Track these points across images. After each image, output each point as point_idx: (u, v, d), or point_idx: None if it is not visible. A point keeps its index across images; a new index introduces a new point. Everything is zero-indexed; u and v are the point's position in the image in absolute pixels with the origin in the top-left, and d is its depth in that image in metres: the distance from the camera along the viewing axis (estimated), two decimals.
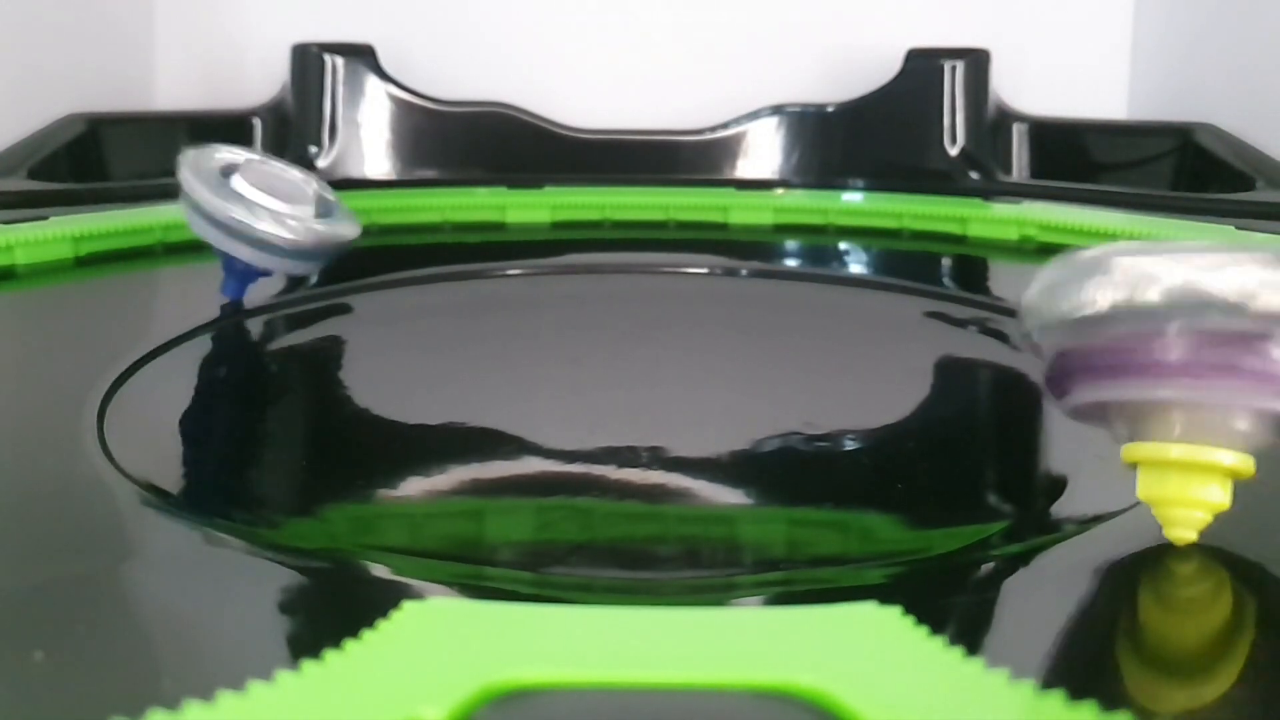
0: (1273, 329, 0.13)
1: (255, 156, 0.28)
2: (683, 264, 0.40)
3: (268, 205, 0.26)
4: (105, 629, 0.15)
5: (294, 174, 0.28)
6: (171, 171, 0.54)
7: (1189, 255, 0.13)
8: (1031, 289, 0.16)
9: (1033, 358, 0.21)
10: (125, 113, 0.54)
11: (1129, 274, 0.14)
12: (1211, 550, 0.16)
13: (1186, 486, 0.14)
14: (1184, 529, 0.15)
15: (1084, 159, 0.54)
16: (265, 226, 0.25)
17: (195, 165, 0.26)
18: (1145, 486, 0.15)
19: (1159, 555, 0.19)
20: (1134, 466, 0.15)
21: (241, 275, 0.29)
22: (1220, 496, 0.15)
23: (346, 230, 0.27)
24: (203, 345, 0.29)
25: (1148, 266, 0.13)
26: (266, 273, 0.29)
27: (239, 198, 0.26)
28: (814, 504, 0.22)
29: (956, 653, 0.12)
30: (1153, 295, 0.13)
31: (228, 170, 0.27)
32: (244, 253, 0.26)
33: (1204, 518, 0.15)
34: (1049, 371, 0.16)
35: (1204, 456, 0.14)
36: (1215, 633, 0.15)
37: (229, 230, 0.26)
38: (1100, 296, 0.14)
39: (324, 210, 0.27)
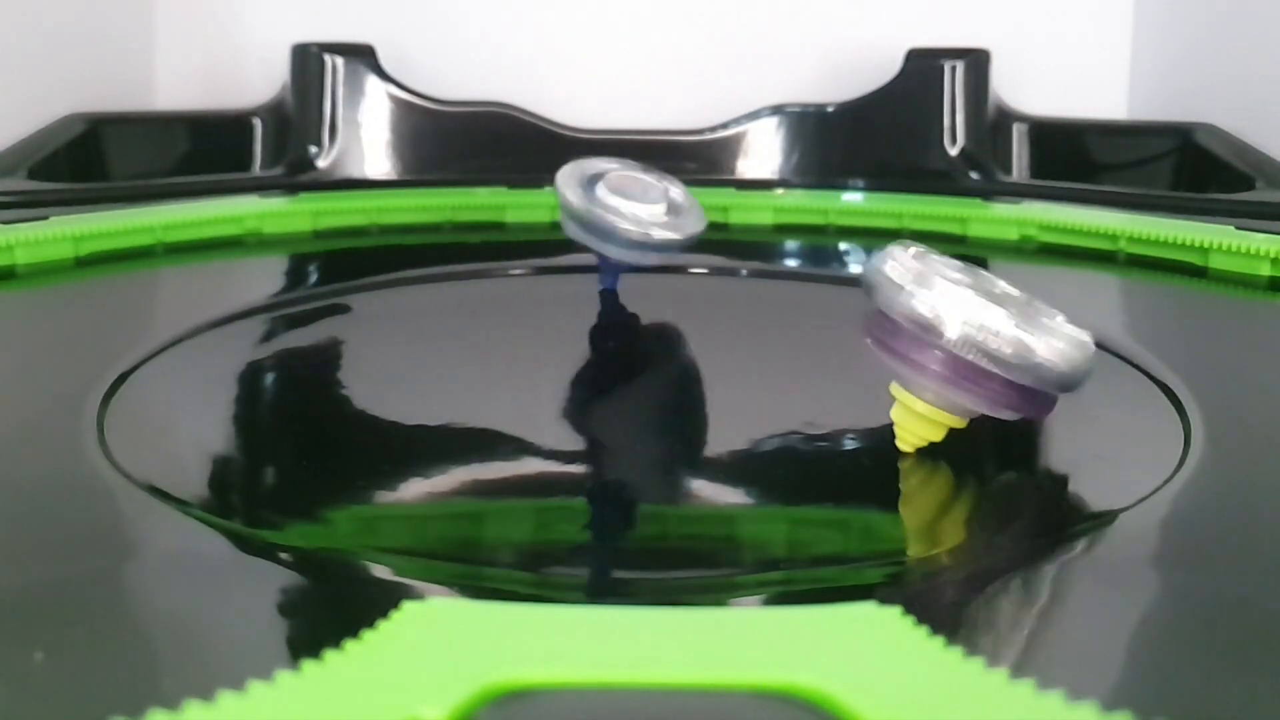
0: (1002, 373, 0.20)
1: (617, 164, 0.32)
2: (683, 264, 0.40)
3: (623, 208, 0.30)
4: (105, 629, 0.15)
5: (649, 177, 0.32)
6: (171, 171, 0.54)
7: (988, 306, 0.20)
8: (877, 265, 0.22)
9: None
10: (125, 113, 0.54)
11: (938, 303, 0.20)
12: None
13: (920, 427, 0.22)
14: (908, 446, 0.22)
15: (1084, 159, 0.54)
16: (622, 226, 0.29)
17: (568, 177, 0.31)
18: (896, 413, 0.22)
19: (1159, 555, 0.19)
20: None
21: (613, 268, 0.33)
22: (938, 435, 0.22)
23: (691, 225, 0.31)
24: (203, 345, 0.29)
25: (950, 304, 0.20)
26: (633, 265, 0.32)
27: (601, 203, 0.30)
28: (814, 504, 0.22)
29: (956, 653, 0.12)
30: (945, 328, 0.20)
31: (594, 179, 0.31)
32: (610, 250, 0.30)
33: (922, 443, 0.22)
34: (869, 318, 0.22)
35: (936, 416, 0.22)
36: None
37: (594, 231, 0.30)
38: (916, 306, 0.21)
39: (673, 209, 0.31)
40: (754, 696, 0.12)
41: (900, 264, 0.21)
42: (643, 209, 0.30)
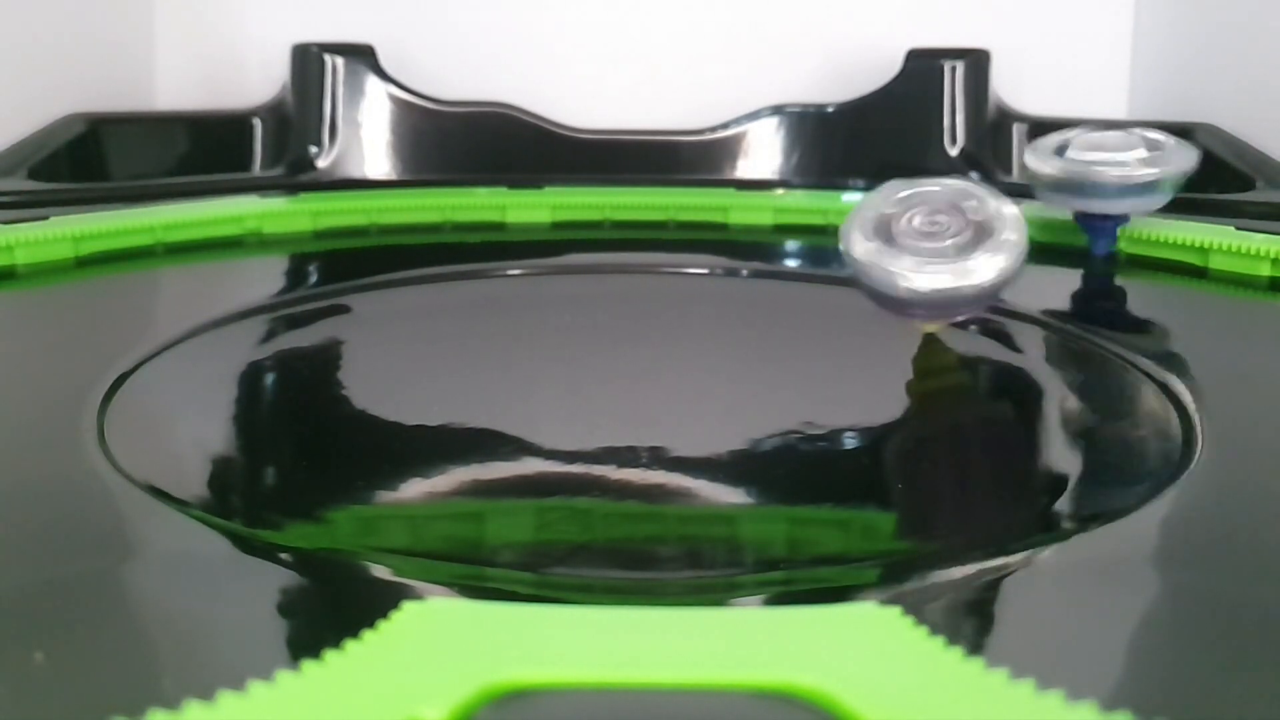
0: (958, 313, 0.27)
1: (1078, 130, 0.33)
2: (683, 264, 0.40)
3: (1100, 159, 0.31)
4: (105, 629, 0.15)
5: (1120, 131, 0.32)
6: (171, 171, 0.54)
7: (933, 274, 0.25)
8: (860, 245, 0.26)
9: (1036, 363, 0.29)
10: (125, 113, 0.54)
11: (897, 278, 0.25)
12: None
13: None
14: (926, 331, 0.28)
15: None
16: (1104, 173, 0.30)
17: (1036, 154, 0.32)
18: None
19: (1160, 555, 0.19)
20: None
21: (1104, 230, 0.34)
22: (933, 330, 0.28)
23: (1179, 160, 0.31)
24: (203, 345, 0.29)
25: (908, 279, 0.25)
26: (1125, 218, 0.34)
27: (1076, 161, 0.31)
28: (814, 504, 0.22)
29: (956, 653, 0.12)
30: (909, 300, 0.25)
31: (1062, 147, 0.32)
32: (1098, 205, 0.31)
33: (929, 330, 0.28)
34: (862, 279, 0.27)
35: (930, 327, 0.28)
36: None
37: (1077, 191, 0.31)
38: (899, 281, 0.25)
39: (1153, 148, 0.31)
40: (754, 696, 0.12)
41: (869, 235, 0.26)
42: (1120, 155, 0.30)
